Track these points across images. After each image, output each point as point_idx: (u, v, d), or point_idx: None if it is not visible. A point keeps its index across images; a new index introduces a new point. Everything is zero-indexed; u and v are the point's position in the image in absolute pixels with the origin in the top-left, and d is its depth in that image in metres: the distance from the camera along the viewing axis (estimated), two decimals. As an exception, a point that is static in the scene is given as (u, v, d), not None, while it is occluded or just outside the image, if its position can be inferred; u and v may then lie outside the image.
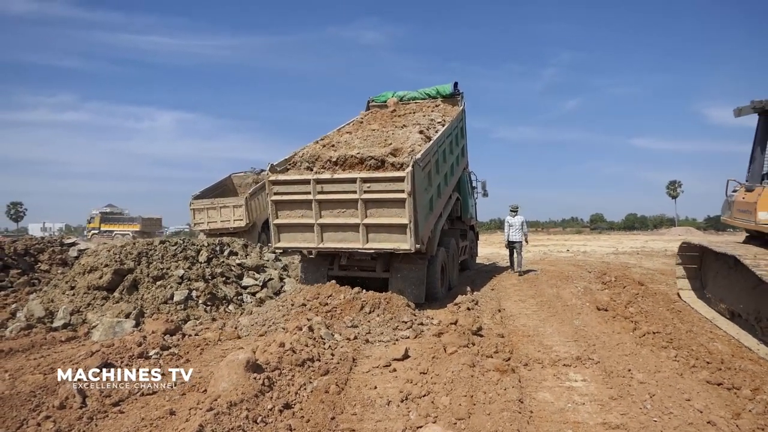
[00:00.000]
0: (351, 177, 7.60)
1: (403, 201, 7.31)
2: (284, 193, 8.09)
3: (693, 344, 5.88)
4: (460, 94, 12.22)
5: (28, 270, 10.69)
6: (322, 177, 7.78)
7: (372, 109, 12.05)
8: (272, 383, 4.33)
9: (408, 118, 10.31)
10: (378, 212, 7.59)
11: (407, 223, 7.35)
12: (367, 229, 7.65)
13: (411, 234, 7.36)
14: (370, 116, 11.13)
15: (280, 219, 8.22)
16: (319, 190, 7.79)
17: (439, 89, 12.31)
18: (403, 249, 7.49)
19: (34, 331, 7.05)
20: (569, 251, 21.98)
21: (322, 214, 7.88)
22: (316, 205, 7.84)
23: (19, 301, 8.70)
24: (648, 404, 4.23)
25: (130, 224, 38.36)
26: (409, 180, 7.21)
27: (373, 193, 7.50)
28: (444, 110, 11.26)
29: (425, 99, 12.26)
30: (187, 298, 8.03)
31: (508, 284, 10.78)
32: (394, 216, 7.48)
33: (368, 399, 4.42)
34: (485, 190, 14.98)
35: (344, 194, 7.66)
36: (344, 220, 7.74)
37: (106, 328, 6.86)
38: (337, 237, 7.86)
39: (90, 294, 7.92)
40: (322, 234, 7.93)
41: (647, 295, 8.85)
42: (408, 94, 12.41)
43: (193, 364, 5.43)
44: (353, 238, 7.73)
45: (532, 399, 4.43)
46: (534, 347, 6.02)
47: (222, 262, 9.74)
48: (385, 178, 7.45)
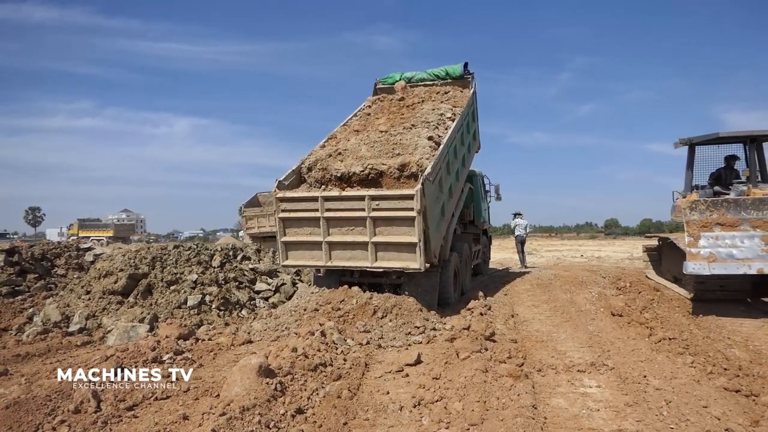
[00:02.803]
0: (359, 195, 7.50)
1: (413, 219, 7.18)
2: (292, 210, 7.98)
3: (710, 350, 5.79)
4: (471, 75, 11.62)
5: (45, 275, 10.82)
6: (331, 195, 7.69)
7: (380, 95, 11.65)
8: (285, 388, 4.34)
9: (416, 111, 9.85)
10: (387, 230, 7.47)
11: (416, 242, 7.22)
12: (376, 247, 7.52)
13: (420, 253, 7.24)
14: (377, 107, 10.79)
15: (288, 236, 8.09)
16: (327, 208, 7.69)
17: (448, 70, 11.71)
18: (413, 268, 7.35)
19: (50, 335, 7.14)
20: (583, 256, 21.81)
21: (330, 232, 7.77)
22: (324, 223, 7.72)
23: (36, 305, 8.81)
24: (664, 411, 4.17)
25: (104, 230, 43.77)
26: (418, 198, 7.07)
27: (382, 210, 7.39)
28: (454, 98, 10.77)
29: (434, 81, 11.73)
30: (201, 303, 8.09)
31: (521, 289, 10.70)
32: (403, 234, 7.36)
33: (381, 404, 4.40)
34: (498, 194, 14.90)
35: (353, 212, 7.55)
36: (353, 238, 7.62)
37: (120, 332, 6.93)
38: (345, 255, 7.75)
39: (105, 298, 8.01)
40: (330, 252, 7.80)
41: (663, 300, 8.74)
42: (416, 75, 11.90)
43: (206, 368, 5.46)
44: (362, 256, 7.61)
45: (545, 405, 4.38)
46: (548, 353, 5.96)
47: (235, 266, 9.80)
48: (394, 196, 7.34)
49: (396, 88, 11.50)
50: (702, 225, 7.65)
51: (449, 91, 11.08)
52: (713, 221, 7.65)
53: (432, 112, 9.56)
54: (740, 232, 7.53)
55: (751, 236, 7.45)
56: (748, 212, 7.63)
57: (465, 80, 11.58)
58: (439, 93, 10.96)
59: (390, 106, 10.56)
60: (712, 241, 7.51)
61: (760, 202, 7.66)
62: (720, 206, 7.74)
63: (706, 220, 7.68)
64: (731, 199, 7.94)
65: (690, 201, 8.20)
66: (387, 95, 11.41)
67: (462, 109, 9.95)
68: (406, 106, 10.24)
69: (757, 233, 7.45)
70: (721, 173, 9.76)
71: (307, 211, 7.85)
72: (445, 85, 11.54)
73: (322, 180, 8.09)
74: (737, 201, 7.79)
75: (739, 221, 7.61)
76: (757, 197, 7.86)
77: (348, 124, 10.04)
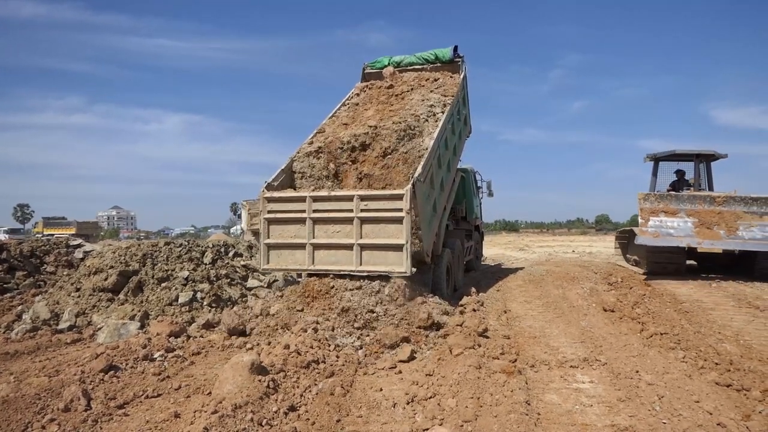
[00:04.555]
0: (348, 195, 7.38)
1: (401, 219, 7.02)
2: (278, 211, 7.80)
3: (701, 345, 5.82)
4: (461, 58, 11.20)
5: (34, 272, 10.72)
6: (319, 194, 7.55)
7: (368, 81, 11.30)
8: (277, 385, 4.31)
9: (405, 102, 9.59)
10: (374, 231, 7.25)
11: (403, 243, 7.02)
12: (362, 249, 7.27)
13: (408, 255, 6.99)
14: (366, 95, 10.52)
15: (271, 238, 7.83)
16: (315, 209, 7.51)
17: (438, 54, 11.28)
18: (399, 272, 7.08)
19: (39, 333, 7.06)
20: (575, 252, 21.88)
21: (316, 234, 7.54)
22: (310, 224, 7.52)
23: (25, 303, 8.72)
24: (657, 406, 4.19)
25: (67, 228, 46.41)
26: (408, 198, 6.94)
27: (371, 211, 7.22)
28: (444, 85, 10.44)
29: (423, 65, 11.36)
30: (192, 300, 8.02)
31: (513, 285, 10.72)
32: (391, 236, 7.15)
33: (374, 401, 4.39)
34: (490, 190, 14.89)
35: (340, 213, 7.38)
36: (338, 240, 7.41)
37: (111, 330, 6.85)
38: (329, 259, 7.47)
39: (95, 296, 7.93)
40: (313, 254, 7.54)
41: (654, 295, 8.79)
42: (405, 59, 11.51)
43: (198, 366, 5.42)
44: (346, 260, 7.34)
45: (539, 401, 4.39)
46: (540, 349, 5.98)
47: (227, 263, 9.74)
48: (384, 196, 7.22)
49: (384, 74, 11.13)
50: (651, 212, 10.35)
51: (439, 78, 10.73)
52: (660, 209, 10.37)
53: (422, 104, 9.32)
54: (677, 218, 10.24)
55: (685, 221, 10.17)
56: (684, 205, 10.36)
57: (455, 64, 11.21)
58: (428, 80, 10.61)
59: (378, 94, 10.29)
60: (657, 223, 10.21)
61: (693, 198, 10.49)
62: (665, 199, 10.56)
63: (654, 208, 10.40)
64: (673, 194, 10.91)
65: (644, 194, 10.73)
66: (375, 82, 11.09)
67: (452, 98, 9.71)
68: (395, 95, 9.99)
69: (689, 219, 10.16)
70: (676, 184, 12.54)
71: (293, 212, 7.66)
72: (434, 70, 11.20)
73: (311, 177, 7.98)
74: (677, 196, 10.67)
75: (678, 210, 10.34)
76: (691, 194, 10.75)
77: (337, 115, 9.84)
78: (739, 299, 8.32)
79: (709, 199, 10.31)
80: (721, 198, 10.26)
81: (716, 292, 8.99)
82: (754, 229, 9.76)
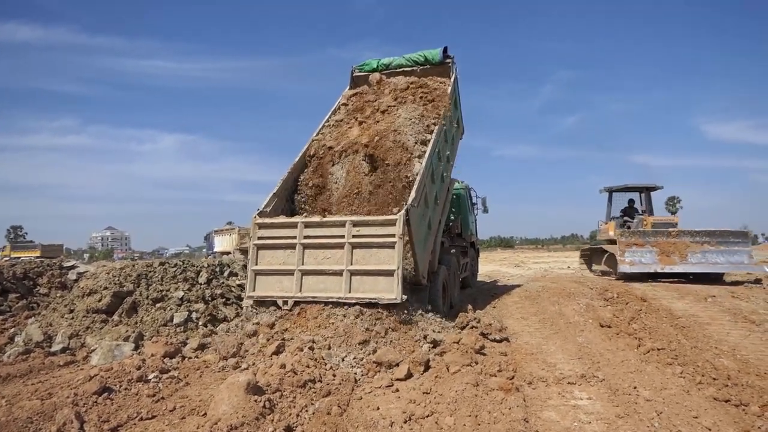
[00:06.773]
0: (341, 220, 7.32)
1: (393, 244, 6.91)
2: (268, 237, 7.72)
3: (698, 360, 5.82)
4: (450, 59, 10.82)
5: (27, 294, 10.61)
6: (311, 220, 7.50)
7: (356, 87, 10.94)
8: (273, 405, 4.27)
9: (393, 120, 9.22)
10: (365, 257, 7.10)
11: (395, 269, 6.86)
12: (351, 275, 7.10)
13: (398, 281, 6.81)
14: (352, 107, 10.21)
15: (259, 265, 7.68)
16: (306, 235, 7.43)
17: (427, 55, 10.91)
18: (388, 299, 6.84)
19: (32, 355, 6.96)
20: (570, 268, 21.90)
21: (305, 260, 7.40)
22: (300, 249, 7.40)
23: (18, 325, 8.61)
24: (655, 422, 4.17)
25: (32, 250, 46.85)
26: (401, 224, 6.87)
27: (363, 237, 7.14)
28: (434, 91, 10.08)
29: (413, 67, 11.02)
30: (187, 320, 7.95)
31: (509, 302, 10.70)
32: (382, 261, 7.01)
33: (371, 420, 4.35)
34: (485, 207, 14.95)
35: (332, 239, 7.30)
36: (328, 266, 7.26)
37: (105, 351, 6.77)
38: (318, 286, 7.27)
39: (89, 317, 7.85)
40: (301, 281, 7.35)
41: (650, 311, 8.79)
42: (394, 61, 11.18)
43: (193, 386, 5.36)
44: (335, 287, 7.13)
45: (537, 418, 4.36)
46: (538, 365, 5.95)
47: (222, 283, 9.68)
48: (376, 222, 7.15)
49: (371, 81, 10.76)
50: (627, 245, 13.29)
51: (428, 84, 10.35)
52: (632, 242, 13.35)
53: (409, 124, 9.04)
54: (645, 248, 13.17)
55: (651, 251, 13.09)
56: (649, 238, 13.31)
57: (445, 66, 10.87)
58: (417, 88, 10.12)
59: (364, 107, 9.99)
60: (631, 255, 13.16)
61: (655, 232, 13.48)
62: (635, 234, 13.57)
63: (629, 242, 13.36)
64: (641, 230, 13.97)
65: (620, 232, 13.89)
66: (363, 89, 10.74)
67: (444, 106, 9.49)
68: (381, 112, 9.60)
69: (654, 249, 13.08)
70: (626, 210, 16.19)
71: (284, 238, 7.58)
72: (424, 72, 10.86)
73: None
74: (644, 231, 13.81)
75: (645, 243, 13.26)
76: (654, 230, 13.78)
77: (323, 133, 9.66)
78: (735, 314, 8.35)
79: (666, 233, 13.26)
80: (675, 232, 13.32)
81: (712, 307, 9.03)
82: (697, 255, 12.90)
